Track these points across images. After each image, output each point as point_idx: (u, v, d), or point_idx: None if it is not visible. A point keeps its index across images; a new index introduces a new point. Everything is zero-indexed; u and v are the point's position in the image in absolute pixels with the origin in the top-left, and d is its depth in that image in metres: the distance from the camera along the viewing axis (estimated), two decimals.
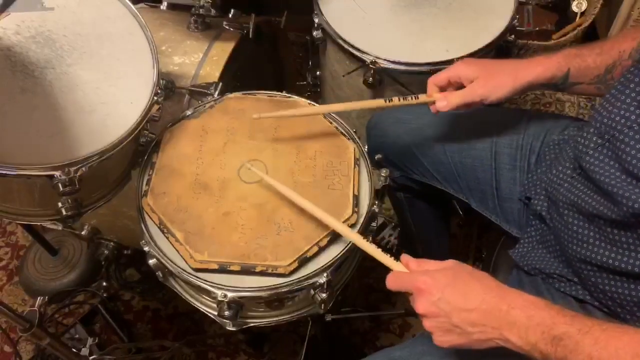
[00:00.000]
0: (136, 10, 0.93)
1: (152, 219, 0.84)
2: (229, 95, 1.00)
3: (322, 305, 0.82)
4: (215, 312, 0.82)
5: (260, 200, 0.85)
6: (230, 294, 0.77)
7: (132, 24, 0.93)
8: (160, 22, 1.23)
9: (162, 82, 0.92)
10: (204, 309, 0.86)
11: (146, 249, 0.82)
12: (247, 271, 0.78)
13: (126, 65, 0.89)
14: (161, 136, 0.93)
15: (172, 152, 0.91)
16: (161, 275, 0.86)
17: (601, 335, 0.56)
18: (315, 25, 1.22)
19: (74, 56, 0.87)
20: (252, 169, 0.86)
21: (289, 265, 0.78)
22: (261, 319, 0.86)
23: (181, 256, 0.80)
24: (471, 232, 1.56)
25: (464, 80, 0.88)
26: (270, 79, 1.52)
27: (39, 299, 0.94)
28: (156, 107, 0.88)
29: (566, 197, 0.78)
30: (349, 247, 0.80)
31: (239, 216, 0.83)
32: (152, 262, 0.82)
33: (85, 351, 1.13)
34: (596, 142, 0.73)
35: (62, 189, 0.76)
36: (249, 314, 0.85)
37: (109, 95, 0.86)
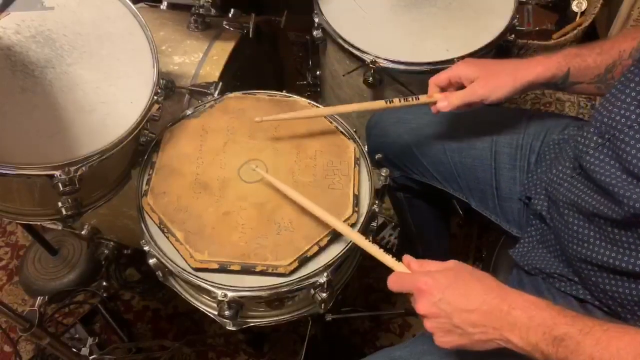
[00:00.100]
0: (136, 9, 0.93)
1: (152, 219, 0.84)
2: (229, 94, 1.00)
3: (322, 305, 0.82)
4: (215, 312, 0.82)
5: (260, 199, 0.85)
6: (230, 294, 0.77)
7: (132, 23, 0.93)
8: (160, 21, 1.23)
9: (162, 81, 0.92)
10: (204, 309, 0.86)
11: (146, 248, 0.82)
12: (247, 271, 0.78)
13: (126, 64, 0.89)
14: (161, 136, 0.93)
15: (172, 152, 0.91)
16: (161, 275, 0.86)
17: (602, 335, 0.56)
18: (315, 24, 1.22)
19: (74, 56, 0.87)
20: (257, 169, 0.86)
21: (289, 264, 0.78)
22: (261, 319, 0.86)
23: (181, 256, 0.80)
24: (471, 232, 1.56)
25: (465, 80, 0.88)
26: (270, 79, 1.52)
27: (39, 299, 0.94)
28: (156, 106, 0.88)
29: (566, 196, 0.78)
30: (349, 246, 0.80)
31: (239, 216, 0.83)
32: (152, 261, 0.82)
33: (85, 351, 1.13)
34: (596, 142, 0.73)
35: (62, 188, 0.76)
36: (249, 313, 0.85)
37: (109, 94, 0.86)
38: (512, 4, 1.18)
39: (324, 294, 0.79)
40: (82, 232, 1.26)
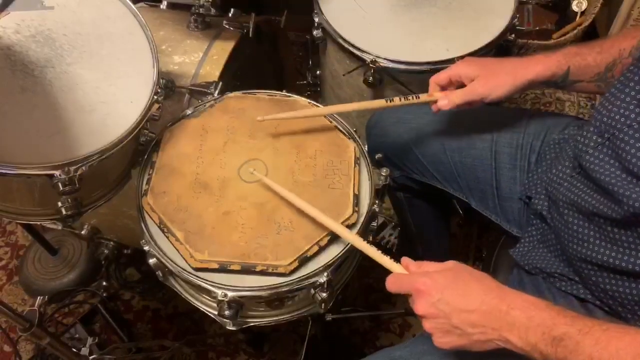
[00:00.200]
0: (136, 9, 0.93)
1: (152, 219, 0.84)
2: (229, 94, 1.00)
3: (322, 304, 0.82)
4: (215, 312, 0.82)
5: (260, 199, 0.85)
6: (230, 294, 0.77)
7: (132, 23, 0.93)
8: (160, 21, 1.23)
9: (162, 81, 0.92)
10: (204, 309, 0.86)
11: (146, 248, 0.82)
12: (247, 270, 0.78)
13: (126, 64, 0.89)
14: (161, 135, 0.93)
15: (172, 152, 0.91)
16: (161, 274, 0.86)
17: (602, 335, 0.56)
18: (315, 24, 1.22)
19: (74, 55, 0.87)
20: (255, 172, 0.86)
21: (289, 264, 0.78)
22: (261, 319, 0.85)
23: (181, 255, 0.80)
24: (471, 232, 1.56)
25: (465, 79, 0.88)
26: (270, 78, 1.52)
27: (39, 299, 0.94)
28: (156, 106, 0.88)
29: (566, 196, 0.78)
30: (349, 246, 0.80)
31: (239, 215, 0.83)
32: (152, 261, 0.82)
33: (85, 351, 1.13)
34: (596, 141, 0.73)
35: (62, 188, 0.76)
36: (249, 313, 0.85)
37: (108, 94, 0.86)
38: (512, 3, 1.18)
39: (324, 294, 0.79)
40: (82, 232, 1.26)
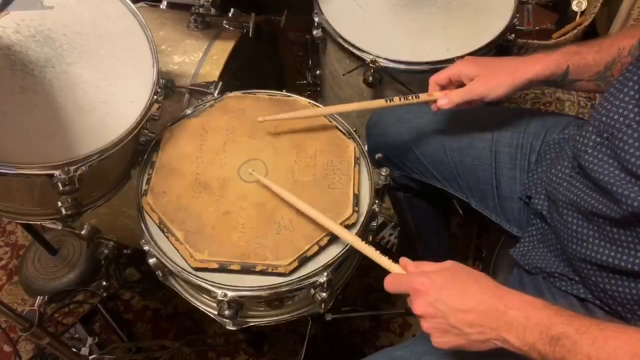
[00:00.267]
0: (136, 9, 0.93)
1: (152, 218, 0.84)
2: (229, 94, 1.00)
3: (322, 304, 0.82)
4: (215, 312, 0.82)
5: (260, 199, 0.85)
6: (230, 293, 0.77)
7: (132, 23, 0.93)
8: (160, 21, 1.23)
9: (162, 81, 0.91)
10: (204, 309, 0.86)
11: (146, 248, 0.82)
12: (247, 270, 0.78)
13: (126, 64, 0.89)
14: (161, 135, 0.93)
15: (172, 151, 0.91)
16: (161, 274, 0.86)
17: (599, 334, 0.56)
18: (315, 24, 1.22)
19: (74, 55, 0.87)
20: (254, 173, 0.86)
21: (289, 264, 0.78)
22: (261, 319, 0.85)
23: (181, 255, 0.80)
24: (471, 232, 1.56)
25: (464, 78, 0.88)
26: (270, 78, 1.52)
27: (39, 299, 0.94)
28: (156, 106, 0.88)
29: (565, 196, 0.78)
30: (349, 246, 0.80)
31: (239, 215, 0.83)
32: (152, 261, 0.82)
33: (85, 351, 1.13)
34: (595, 141, 0.73)
35: (61, 188, 0.76)
36: (249, 313, 0.84)
37: (108, 94, 0.86)
38: (512, 3, 1.18)
39: (324, 294, 0.79)
40: (82, 232, 1.26)
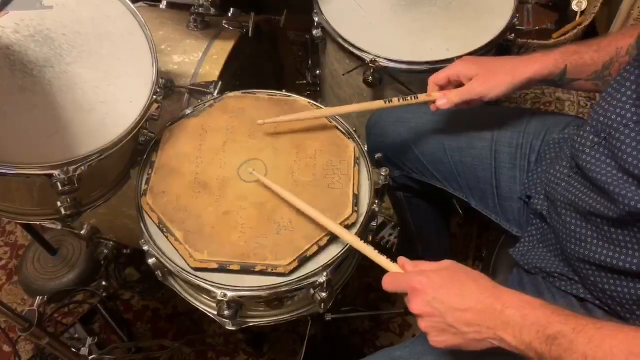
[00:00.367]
0: (135, 9, 0.93)
1: (151, 218, 0.84)
2: (229, 93, 1.00)
3: (322, 304, 0.82)
4: (214, 312, 0.82)
5: (260, 199, 0.85)
6: (229, 293, 0.77)
7: (132, 22, 0.93)
8: (159, 20, 1.23)
9: (161, 80, 0.91)
10: (204, 308, 0.86)
11: (145, 248, 0.82)
12: (246, 270, 0.78)
13: (125, 64, 0.89)
14: (160, 135, 0.93)
15: (172, 151, 0.91)
16: (160, 274, 0.86)
17: (595, 333, 0.56)
18: (314, 24, 1.22)
19: (73, 55, 0.87)
20: (254, 172, 0.86)
21: (289, 264, 0.78)
22: (261, 318, 0.85)
23: (180, 255, 0.80)
24: (471, 231, 1.56)
25: (463, 78, 0.88)
26: (269, 78, 1.52)
27: (38, 299, 0.94)
28: (155, 105, 0.88)
29: (564, 195, 0.78)
30: (348, 246, 0.80)
31: (239, 215, 0.83)
32: (151, 261, 0.82)
33: (84, 350, 1.13)
34: (592, 141, 0.73)
35: (61, 188, 0.76)
36: (249, 313, 0.84)
37: (108, 94, 0.85)
38: (511, 3, 1.18)
39: (324, 294, 0.79)
40: (82, 232, 1.26)
